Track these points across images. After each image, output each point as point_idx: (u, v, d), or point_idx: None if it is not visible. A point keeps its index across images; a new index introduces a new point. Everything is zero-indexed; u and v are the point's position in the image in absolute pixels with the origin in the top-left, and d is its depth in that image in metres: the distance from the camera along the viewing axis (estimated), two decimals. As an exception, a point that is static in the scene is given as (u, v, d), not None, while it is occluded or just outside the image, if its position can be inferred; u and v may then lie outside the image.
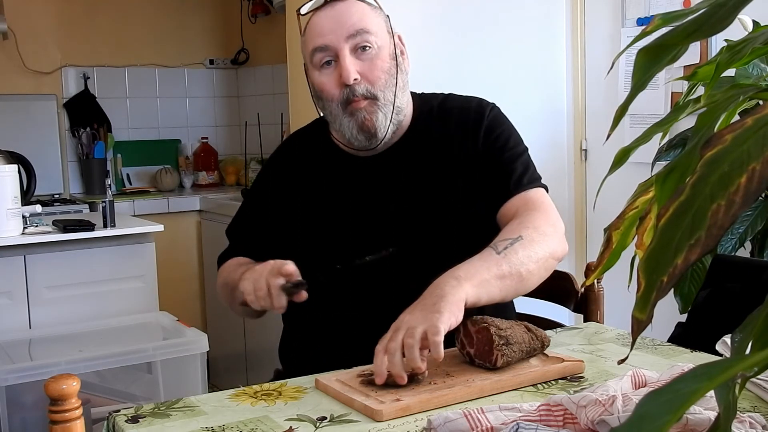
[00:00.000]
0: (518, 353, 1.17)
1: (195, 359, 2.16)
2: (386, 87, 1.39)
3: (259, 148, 3.92)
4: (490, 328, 1.16)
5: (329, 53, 1.38)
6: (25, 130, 3.74)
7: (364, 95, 1.38)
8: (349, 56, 1.37)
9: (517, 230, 1.31)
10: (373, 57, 1.38)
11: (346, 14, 1.38)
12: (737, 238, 1.95)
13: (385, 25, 1.43)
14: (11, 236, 2.31)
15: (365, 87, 1.38)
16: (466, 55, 2.70)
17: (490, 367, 1.16)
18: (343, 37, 1.37)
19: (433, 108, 1.50)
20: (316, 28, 1.39)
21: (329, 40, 1.37)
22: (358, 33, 1.37)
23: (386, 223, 1.42)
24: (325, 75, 1.39)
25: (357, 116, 1.38)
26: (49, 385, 0.92)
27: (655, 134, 0.63)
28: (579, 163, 2.95)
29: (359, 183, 1.46)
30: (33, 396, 1.98)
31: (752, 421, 0.88)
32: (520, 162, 1.44)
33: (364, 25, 1.38)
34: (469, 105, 1.49)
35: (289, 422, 1.00)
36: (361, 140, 1.40)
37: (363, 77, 1.38)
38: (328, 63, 1.39)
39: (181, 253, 3.65)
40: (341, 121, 1.40)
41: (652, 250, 0.48)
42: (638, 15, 2.67)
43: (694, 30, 0.52)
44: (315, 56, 1.39)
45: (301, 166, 1.52)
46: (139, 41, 4.11)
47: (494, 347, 1.15)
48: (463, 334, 1.20)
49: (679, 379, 0.41)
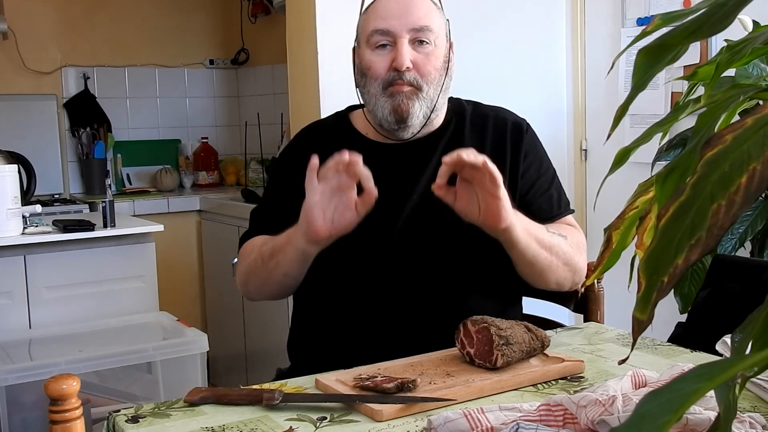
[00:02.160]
0: (518, 353, 1.17)
1: (195, 359, 2.16)
2: (433, 83, 1.41)
3: (259, 148, 3.92)
4: (490, 328, 1.16)
5: (388, 38, 1.39)
6: (25, 130, 3.74)
7: (410, 83, 1.39)
8: (406, 45, 1.39)
9: (564, 231, 1.43)
10: (429, 53, 1.41)
11: (414, 6, 1.40)
12: (737, 238, 1.95)
13: (445, 28, 1.46)
14: (11, 236, 2.31)
15: (414, 76, 1.39)
16: (466, 55, 2.70)
17: (490, 367, 1.16)
18: (407, 27, 1.39)
19: (467, 113, 1.52)
20: (382, 11, 1.41)
21: (392, 25, 1.39)
22: (422, 29, 1.39)
23: (407, 214, 1.42)
24: (378, 55, 1.41)
25: (395, 98, 1.39)
26: (49, 385, 0.92)
27: (655, 134, 0.62)
28: (579, 163, 2.95)
29: (383, 170, 1.45)
30: (33, 396, 1.98)
31: (752, 421, 0.88)
32: (554, 187, 1.51)
33: (428, 21, 1.40)
34: (505, 119, 1.51)
35: (289, 422, 1.00)
36: (391, 122, 1.41)
37: (415, 67, 1.40)
38: (383, 46, 1.40)
39: (181, 253, 3.65)
40: (377, 100, 1.41)
41: (652, 250, 0.48)
42: (638, 15, 2.67)
43: (694, 30, 0.52)
44: (373, 37, 1.40)
45: (323, 153, 1.51)
46: (139, 41, 4.11)
47: (494, 347, 1.15)
48: (463, 334, 1.20)
49: (679, 379, 0.41)
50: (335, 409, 1.05)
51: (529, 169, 1.48)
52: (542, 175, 1.50)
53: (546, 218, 1.48)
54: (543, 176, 1.50)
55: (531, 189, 1.47)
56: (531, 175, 1.48)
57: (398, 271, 1.38)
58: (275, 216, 1.49)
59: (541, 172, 1.50)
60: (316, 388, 1.14)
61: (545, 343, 1.22)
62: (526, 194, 1.47)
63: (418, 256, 1.39)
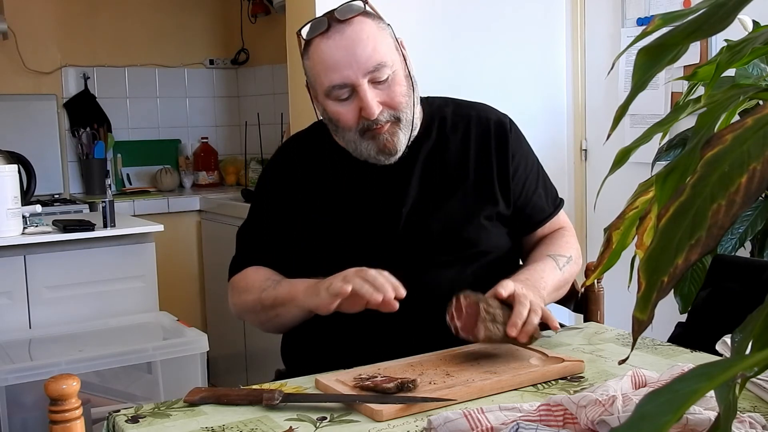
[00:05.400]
0: (501, 333, 1.19)
1: (195, 359, 2.16)
2: (407, 107, 1.38)
3: (259, 148, 3.92)
4: (480, 303, 1.20)
5: (347, 89, 1.34)
6: (25, 130, 3.74)
7: (387, 120, 1.36)
8: (369, 91, 1.33)
9: (567, 248, 1.48)
10: (391, 83, 1.36)
11: (359, 45, 1.33)
12: (737, 238, 1.95)
13: (393, 42, 1.40)
14: (11, 236, 2.30)
15: (388, 113, 1.36)
16: (466, 55, 2.70)
17: (472, 340, 1.19)
18: (361, 73, 1.33)
19: (447, 116, 1.49)
20: (329, 61, 1.34)
21: (347, 76, 1.33)
22: (376, 68, 1.33)
23: (398, 226, 1.41)
24: (343, 107, 1.36)
25: (378, 140, 1.37)
26: (49, 385, 0.92)
27: (655, 134, 0.62)
28: (579, 163, 2.95)
29: (370, 186, 1.45)
30: (33, 396, 1.98)
31: (752, 421, 0.88)
32: (541, 183, 1.52)
33: (379, 57, 1.33)
34: (488, 119, 1.49)
35: (289, 422, 1.00)
36: (381, 160, 1.40)
37: (385, 106, 1.35)
38: (346, 98, 1.35)
39: (181, 253, 3.65)
40: (358, 144, 1.39)
41: (652, 250, 0.48)
42: (638, 15, 2.67)
43: (694, 30, 0.52)
44: (333, 92, 1.35)
45: (306, 169, 1.50)
46: (139, 41, 4.11)
47: (479, 320, 1.18)
48: (455, 308, 1.22)
49: (679, 379, 0.41)
50: (335, 409, 1.05)
51: (518, 170, 1.48)
52: (530, 173, 1.50)
53: (540, 220, 1.51)
54: (531, 174, 1.50)
55: (522, 190, 1.48)
56: (520, 176, 1.48)
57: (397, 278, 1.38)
58: (264, 239, 1.49)
59: (528, 170, 1.50)
60: (316, 388, 1.14)
61: (535, 336, 1.22)
62: (518, 197, 1.47)
63: (414, 262, 1.39)
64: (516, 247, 1.51)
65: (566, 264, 1.45)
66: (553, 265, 1.42)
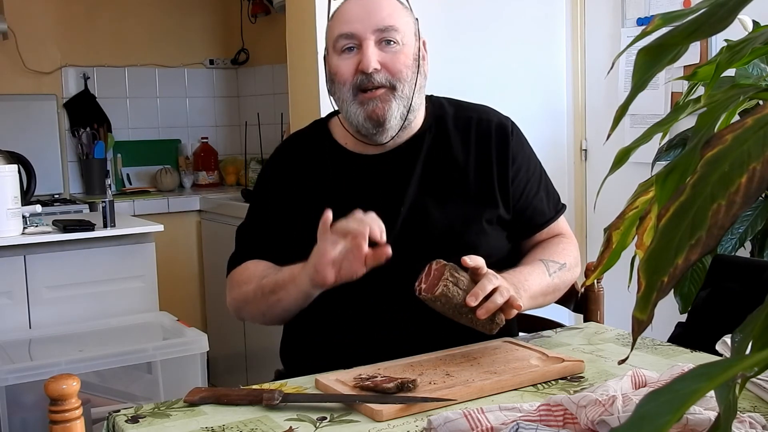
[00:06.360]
0: (461, 299, 1.19)
1: (195, 359, 2.16)
2: (406, 80, 1.39)
3: (259, 148, 3.92)
4: (446, 266, 1.21)
5: (353, 41, 1.38)
6: (25, 130, 3.74)
7: (382, 84, 1.37)
8: (372, 46, 1.37)
9: (562, 255, 1.46)
10: (397, 51, 1.39)
11: (377, 7, 1.39)
12: (737, 238, 1.95)
13: (413, 27, 1.44)
14: (11, 236, 2.31)
15: (385, 76, 1.37)
16: (466, 55, 2.70)
17: (430, 297, 1.19)
18: (371, 28, 1.37)
19: (448, 114, 1.49)
20: (345, 15, 1.40)
21: (355, 28, 1.37)
22: (387, 28, 1.37)
23: (396, 223, 1.41)
24: (344, 59, 1.39)
25: (368, 105, 1.37)
26: (49, 385, 0.92)
27: (655, 134, 0.62)
28: (579, 163, 2.95)
29: (367, 182, 1.45)
30: (33, 396, 1.98)
31: (752, 421, 0.88)
32: (543, 187, 1.51)
33: (393, 21, 1.38)
34: (489, 121, 1.49)
35: (289, 422, 1.00)
36: (368, 128, 1.39)
37: (384, 67, 1.37)
38: (350, 49, 1.38)
39: (181, 253, 3.65)
40: (349, 107, 1.39)
41: (652, 250, 0.48)
42: (638, 15, 2.67)
43: (694, 30, 0.52)
44: (339, 41, 1.39)
45: (306, 167, 1.50)
46: (139, 41, 4.11)
47: (441, 279, 1.19)
48: (425, 273, 1.23)
49: (679, 379, 0.41)
50: (335, 409, 1.05)
51: (518, 174, 1.47)
52: (531, 177, 1.49)
53: (540, 224, 1.49)
54: (532, 178, 1.49)
55: (522, 194, 1.47)
56: (521, 180, 1.47)
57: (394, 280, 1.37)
58: (263, 236, 1.49)
59: (529, 174, 1.49)
60: (316, 388, 1.14)
61: (497, 321, 1.23)
62: (518, 201, 1.47)
63: (412, 264, 1.39)
64: (515, 251, 1.51)
65: (558, 270, 1.42)
66: (542, 270, 1.40)
